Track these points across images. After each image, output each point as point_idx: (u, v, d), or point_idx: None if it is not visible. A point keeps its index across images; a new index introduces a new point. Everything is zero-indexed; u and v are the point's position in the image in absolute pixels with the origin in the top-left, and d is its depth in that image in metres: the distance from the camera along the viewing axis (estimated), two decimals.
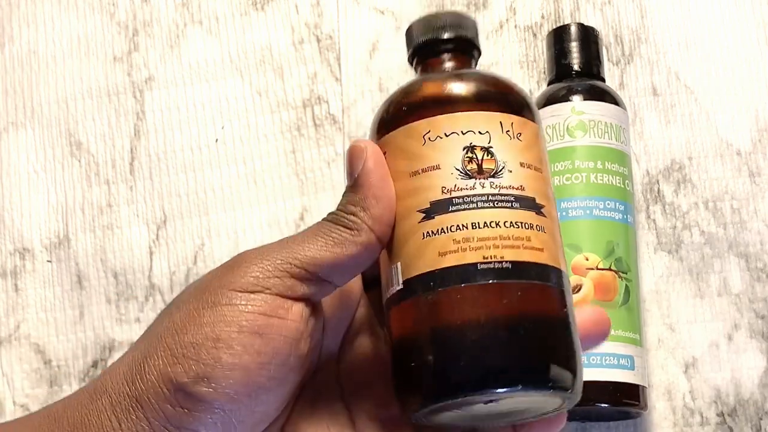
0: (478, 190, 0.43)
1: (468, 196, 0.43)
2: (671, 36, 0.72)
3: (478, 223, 0.43)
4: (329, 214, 0.44)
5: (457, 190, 0.43)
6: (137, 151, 0.73)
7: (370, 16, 0.74)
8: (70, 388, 0.68)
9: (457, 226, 0.43)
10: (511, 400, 0.42)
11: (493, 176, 0.43)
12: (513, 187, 0.43)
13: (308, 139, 0.72)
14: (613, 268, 0.62)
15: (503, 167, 0.44)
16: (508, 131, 0.44)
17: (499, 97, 0.46)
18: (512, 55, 0.72)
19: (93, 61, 0.74)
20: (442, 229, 0.43)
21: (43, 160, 0.73)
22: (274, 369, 0.42)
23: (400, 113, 0.45)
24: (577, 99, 0.65)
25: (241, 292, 0.41)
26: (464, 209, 0.43)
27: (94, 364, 0.68)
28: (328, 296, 0.45)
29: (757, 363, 0.67)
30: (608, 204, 0.63)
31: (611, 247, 0.62)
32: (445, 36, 0.48)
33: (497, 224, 0.43)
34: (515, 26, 0.73)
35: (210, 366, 0.40)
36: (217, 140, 0.72)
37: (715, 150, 0.70)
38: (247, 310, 0.41)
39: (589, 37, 0.68)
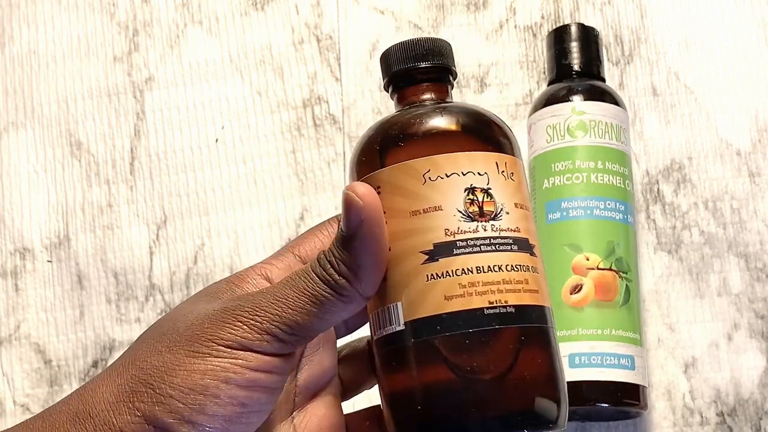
0: (481, 233, 0.43)
1: (472, 239, 0.43)
2: (671, 36, 0.72)
3: (483, 267, 0.43)
4: (320, 265, 0.43)
5: (461, 233, 0.43)
6: (137, 151, 0.73)
7: (370, 16, 0.74)
8: (70, 387, 0.68)
9: (463, 270, 0.43)
10: None
11: (494, 219, 0.44)
12: (511, 230, 0.44)
13: (308, 139, 0.72)
14: (613, 268, 0.62)
15: (501, 209, 0.44)
16: (503, 171, 0.45)
17: (494, 136, 0.46)
18: (512, 55, 0.72)
19: (93, 61, 0.74)
20: (448, 272, 0.43)
21: (43, 160, 0.73)
22: (253, 416, 0.44)
23: (395, 149, 0.45)
24: (577, 99, 0.65)
25: (231, 349, 0.43)
26: (469, 252, 0.43)
27: (95, 364, 0.68)
28: None
29: (757, 363, 0.67)
30: (608, 204, 0.63)
31: (612, 247, 0.62)
32: (424, 65, 0.48)
33: (500, 268, 0.43)
34: (515, 26, 0.73)
35: (195, 411, 0.42)
36: (217, 140, 0.72)
37: (714, 150, 0.70)
38: (236, 364, 0.42)
39: (589, 37, 0.68)
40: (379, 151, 0.46)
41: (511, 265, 0.43)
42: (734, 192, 0.69)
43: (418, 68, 0.47)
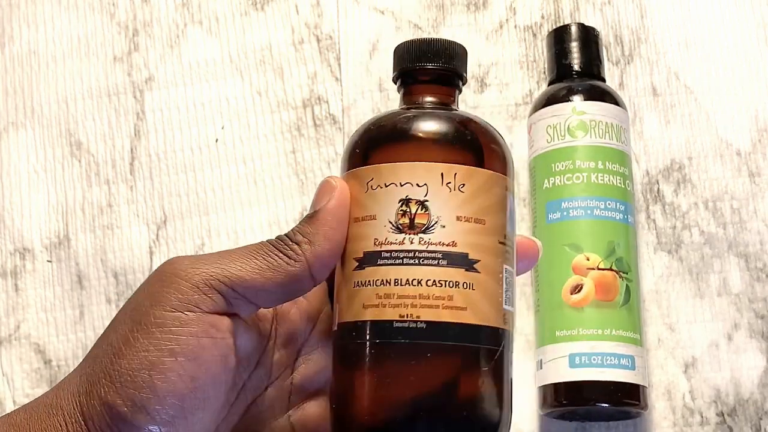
0: (406, 246, 0.43)
1: (395, 251, 0.43)
2: (671, 36, 0.72)
3: (401, 280, 0.43)
4: (277, 236, 0.45)
5: (387, 243, 0.44)
6: (137, 151, 0.73)
7: (370, 16, 0.74)
8: None
9: (382, 281, 0.43)
10: None
11: (424, 231, 0.43)
12: (443, 244, 0.43)
13: (308, 139, 0.72)
14: (613, 268, 0.62)
15: (436, 222, 0.43)
16: (449, 183, 0.44)
17: (446, 146, 0.45)
18: (512, 55, 0.72)
19: (93, 61, 0.74)
20: (369, 281, 0.43)
21: (43, 160, 0.73)
22: (207, 389, 0.43)
23: (353, 154, 0.46)
24: (577, 99, 0.65)
25: (171, 311, 0.42)
26: (390, 264, 0.43)
27: None
28: (290, 308, 0.47)
29: (757, 363, 0.67)
30: (609, 204, 0.63)
31: (612, 247, 0.62)
32: (429, 66, 0.47)
33: (419, 282, 0.43)
34: (515, 26, 0.73)
35: (146, 394, 0.41)
36: (217, 140, 0.72)
37: (714, 150, 0.70)
38: (178, 333, 0.42)
39: (589, 37, 0.68)
40: (346, 155, 0.47)
41: (433, 281, 0.43)
42: (734, 192, 0.69)
43: (416, 69, 0.47)
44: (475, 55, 0.73)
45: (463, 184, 0.44)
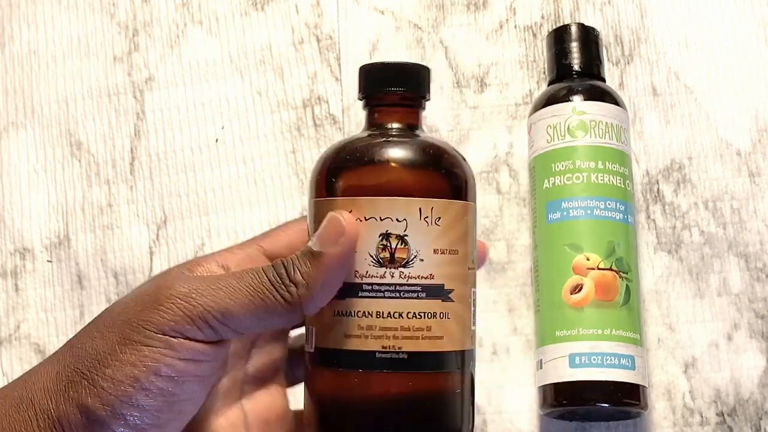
0: (387, 279, 0.45)
1: (377, 284, 0.45)
2: (671, 36, 0.72)
3: (383, 312, 0.45)
4: (274, 269, 0.44)
5: (368, 276, 0.45)
6: (137, 151, 0.73)
7: (370, 16, 0.74)
8: None
9: (363, 312, 0.45)
10: None
11: (404, 266, 0.45)
12: (422, 277, 0.45)
13: (308, 139, 0.72)
14: (613, 268, 0.62)
15: (415, 256, 0.45)
16: (426, 217, 0.45)
17: (423, 180, 0.47)
18: (512, 55, 0.72)
19: (93, 61, 0.74)
20: (350, 312, 0.45)
21: (43, 160, 0.73)
22: (186, 405, 0.44)
23: (328, 183, 0.47)
24: (577, 99, 0.65)
25: (161, 334, 0.43)
26: (372, 297, 0.45)
27: None
28: None
29: (757, 363, 0.67)
30: (609, 204, 0.63)
31: (612, 247, 0.62)
32: (392, 89, 0.48)
33: (400, 315, 0.45)
34: (515, 26, 0.73)
35: (125, 402, 0.42)
36: (217, 140, 0.72)
37: (714, 150, 0.70)
38: (166, 354, 0.43)
39: (589, 37, 0.68)
40: (318, 181, 0.47)
41: (414, 313, 0.45)
42: (734, 192, 0.69)
43: (386, 93, 0.49)
44: (475, 55, 0.73)
45: (439, 218, 0.45)
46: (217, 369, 0.46)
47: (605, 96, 0.65)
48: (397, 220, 0.45)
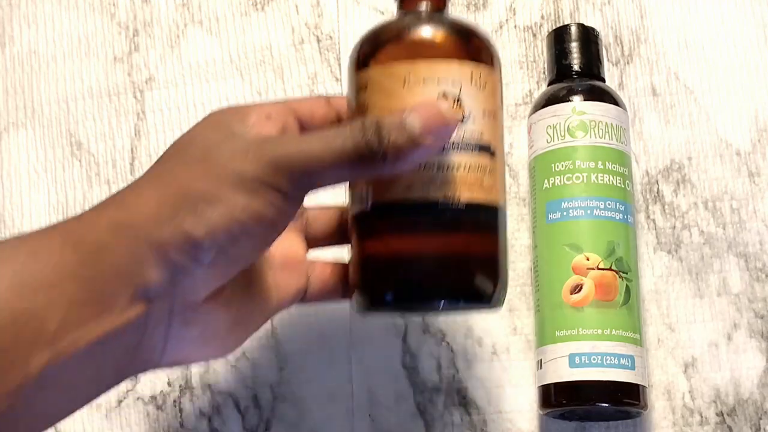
0: None
1: None
2: (671, 36, 0.72)
3: (443, 165, 0.49)
4: (375, 128, 0.46)
5: None
6: (138, 151, 0.73)
7: (370, 16, 0.74)
8: None
9: (425, 166, 0.49)
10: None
11: (461, 124, 0.50)
12: (475, 135, 0.50)
13: None
14: (613, 268, 0.62)
15: (469, 116, 0.50)
16: (476, 82, 0.51)
17: (473, 48, 0.52)
18: (512, 56, 0.72)
19: (93, 61, 0.74)
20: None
21: (43, 160, 0.73)
22: (260, 252, 0.49)
23: (384, 51, 0.52)
24: (577, 99, 0.65)
25: (264, 184, 0.45)
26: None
27: None
28: None
29: (757, 363, 0.67)
30: (609, 204, 0.63)
31: (612, 247, 0.62)
32: None
33: (459, 167, 0.50)
34: (515, 26, 0.73)
35: (228, 240, 0.45)
36: None
37: (714, 150, 0.70)
38: (262, 203, 0.45)
39: (589, 37, 0.68)
40: (370, 52, 0.52)
41: (469, 166, 0.50)
42: (734, 192, 0.69)
43: None
44: None
45: (485, 83, 0.51)
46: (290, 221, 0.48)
47: (605, 96, 0.65)
48: (453, 82, 0.50)
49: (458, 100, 0.50)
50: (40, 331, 0.41)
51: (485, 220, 0.51)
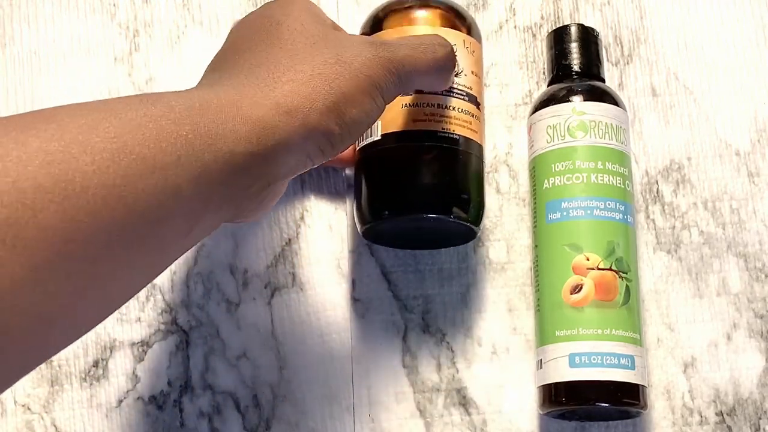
0: None
1: None
2: (670, 37, 0.72)
3: (443, 104, 0.61)
4: (442, 40, 0.57)
5: None
6: None
7: None
8: (71, 387, 0.68)
9: (427, 103, 0.61)
10: (432, 225, 0.62)
11: (456, 75, 0.62)
12: (466, 86, 0.63)
13: None
14: (613, 268, 0.62)
15: (462, 71, 0.63)
16: (467, 47, 0.63)
17: (464, 23, 0.64)
18: (512, 56, 0.73)
19: (93, 61, 0.74)
20: (417, 103, 0.61)
21: None
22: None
23: (392, 17, 0.63)
24: (577, 99, 0.65)
25: (377, 88, 0.51)
26: (434, 93, 0.61)
27: (95, 364, 0.68)
28: None
29: (756, 363, 0.67)
30: (609, 204, 0.63)
31: (612, 247, 0.62)
32: None
33: (454, 108, 0.62)
34: (515, 27, 0.73)
35: (345, 140, 0.51)
36: None
37: (714, 150, 0.70)
38: (378, 110, 0.52)
39: (589, 37, 0.68)
40: (381, 18, 0.64)
41: (462, 108, 0.62)
42: (733, 192, 0.70)
43: None
44: None
45: (474, 51, 0.64)
46: None
47: (605, 96, 0.65)
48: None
49: None
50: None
51: (472, 153, 0.62)
